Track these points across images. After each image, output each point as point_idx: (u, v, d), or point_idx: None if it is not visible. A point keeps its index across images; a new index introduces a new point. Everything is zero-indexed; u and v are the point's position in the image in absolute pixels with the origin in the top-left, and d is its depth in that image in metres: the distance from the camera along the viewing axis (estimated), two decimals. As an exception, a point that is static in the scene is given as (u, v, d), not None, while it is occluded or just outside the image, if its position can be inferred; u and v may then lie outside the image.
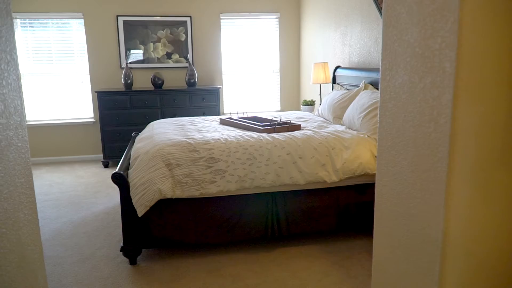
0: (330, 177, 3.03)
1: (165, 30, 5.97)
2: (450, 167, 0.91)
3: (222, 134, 3.29)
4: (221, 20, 6.13)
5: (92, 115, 6.03)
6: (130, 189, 2.83)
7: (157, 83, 5.70)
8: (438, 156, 0.93)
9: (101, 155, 5.84)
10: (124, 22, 5.84)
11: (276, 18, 6.29)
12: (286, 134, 3.24)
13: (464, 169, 0.91)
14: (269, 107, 6.56)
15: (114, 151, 5.58)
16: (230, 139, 3.09)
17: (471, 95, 0.88)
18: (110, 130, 5.53)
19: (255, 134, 3.22)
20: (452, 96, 0.88)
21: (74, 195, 4.46)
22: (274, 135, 3.21)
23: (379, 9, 3.82)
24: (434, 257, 0.97)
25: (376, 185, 1.22)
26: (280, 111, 6.56)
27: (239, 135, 3.20)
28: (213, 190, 2.88)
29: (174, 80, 6.12)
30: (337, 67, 4.63)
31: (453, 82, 0.88)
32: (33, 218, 1.02)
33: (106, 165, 5.63)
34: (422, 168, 1.00)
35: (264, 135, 3.21)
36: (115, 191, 4.50)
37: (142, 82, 6.03)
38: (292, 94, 6.55)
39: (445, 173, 0.92)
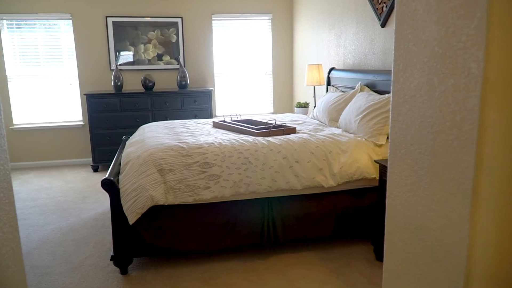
0: (328, 181, 2.95)
1: (155, 31, 5.86)
2: (476, 178, 0.83)
3: (216, 137, 3.20)
4: (213, 21, 6.03)
5: (81, 118, 5.89)
6: (121, 195, 2.72)
7: (148, 85, 5.59)
8: (462, 166, 0.85)
9: (90, 159, 5.70)
10: (114, 23, 5.72)
11: (269, 19, 6.21)
12: (282, 137, 3.16)
13: (492, 181, 0.83)
14: (262, 109, 6.48)
15: (103, 155, 5.45)
16: (224, 143, 2.99)
17: (501, 99, 0.80)
18: (100, 134, 5.40)
19: (250, 138, 3.13)
20: (479, 100, 0.80)
21: (63, 201, 4.32)
22: (270, 138, 3.12)
23: (375, 9, 3.76)
24: (457, 276, 0.89)
25: (387, 195, 1.14)
26: (273, 113, 6.47)
27: (234, 139, 3.10)
28: (207, 196, 2.78)
29: (165, 82, 6.01)
30: (332, 68, 4.56)
31: (480, 85, 0.80)
32: (14, 237, 0.91)
33: (95, 170, 5.50)
34: (442, 179, 0.91)
35: (259, 138, 3.12)
36: (104, 196, 4.37)
37: (133, 84, 5.91)
38: (285, 96, 6.47)
39: (470, 185, 0.83)
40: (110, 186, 2.70)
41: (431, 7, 0.92)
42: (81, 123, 5.85)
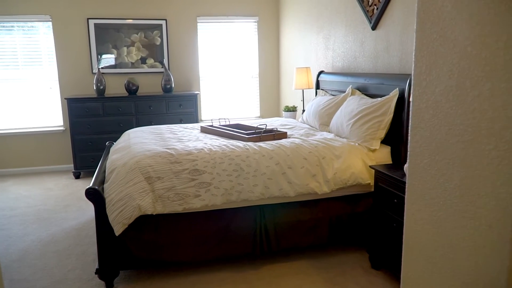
0: (321, 188, 2.87)
1: (139, 34, 5.70)
2: (519, 193, 0.74)
3: (205, 143, 3.08)
4: (198, 24, 5.91)
5: (61, 123, 5.69)
6: (106, 205, 2.57)
7: (132, 89, 5.43)
8: (502, 179, 0.76)
9: (72, 165, 5.51)
10: (95, 25, 5.55)
11: (255, 21, 6.12)
12: (273, 143, 3.06)
13: (538, 196, 0.74)
14: (249, 113, 6.37)
15: (85, 161, 5.27)
16: (214, 149, 2.88)
17: (549, 105, 0.72)
18: (81, 139, 5.22)
19: (240, 143, 3.02)
20: (524, 106, 0.72)
21: (43, 210, 4.13)
22: (261, 144, 3.02)
23: (365, 12, 3.70)
24: (495, 301, 0.80)
25: (406, 208, 1.05)
26: (259, 117, 6.38)
27: (224, 145, 2.99)
28: (197, 204, 2.66)
29: (149, 85, 5.86)
30: (321, 72, 4.49)
31: (525, 89, 0.71)
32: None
33: (77, 176, 5.30)
34: (477, 193, 0.82)
35: (250, 144, 3.01)
36: (87, 204, 4.20)
37: (115, 88, 5.74)
38: (272, 100, 6.39)
39: (512, 201, 0.75)
40: (95, 196, 2.56)
41: (461, 4, 0.83)
42: (62, 128, 5.65)
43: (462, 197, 0.86)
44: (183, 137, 3.39)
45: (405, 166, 2.50)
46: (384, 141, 3.15)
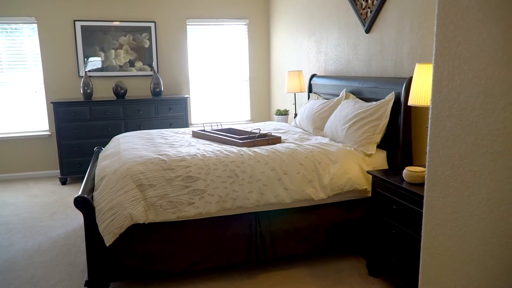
0: (318, 194, 2.81)
1: (127, 36, 5.59)
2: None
3: (198, 149, 3.00)
4: (188, 26, 5.83)
5: (47, 127, 5.54)
6: (96, 214, 2.48)
7: (120, 93, 5.31)
8: (539, 194, 0.70)
9: (58, 171, 5.36)
10: (82, 27, 5.42)
11: (245, 24, 6.06)
12: (268, 148, 2.99)
13: None
14: (239, 117, 6.30)
15: (72, 166, 5.13)
16: (208, 155, 2.80)
17: None
18: (68, 144, 5.08)
19: (234, 149, 2.95)
20: None
21: (29, 218, 4.00)
22: (256, 149, 2.95)
23: (359, 15, 3.66)
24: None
25: (424, 222, 0.99)
26: (250, 121, 6.31)
27: (218, 150, 2.92)
28: (191, 212, 2.57)
29: (138, 89, 5.75)
30: (313, 75, 4.44)
31: None
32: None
33: (63, 182, 5.16)
34: (508, 208, 0.77)
35: (245, 149, 2.94)
36: (75, 212, 4.08)
37: (103, 91, 5.62)
38: (262, 104, 6.33)
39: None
40: (84, 205, 2.46)
41: (490, 5, 0.77)
42: (48, 133, 5.50)
43: (491, 212, 0.80)
44: (175, 143, 3.30)
45: (404, 171, 2.45)
46: (379, 146, 3.10)
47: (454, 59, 0.86)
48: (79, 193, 2.54)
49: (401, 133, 2.94)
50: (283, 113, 4.99)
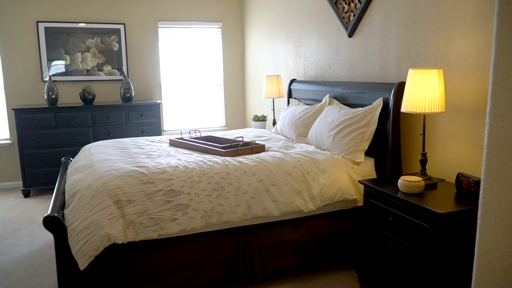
0: (307, 205, 2.67)
1: (94, 39, 5.30)
2: None
3: (179, 159, 2.80)
4: (159, 29, 5.59)
5: (8, 136, 5.16)
6: (69, 235, 2.24)
7: (87, 98, 5.01)
8: None
9: (21, 182, 4.99)
10: (46, 29, 5.09)
11: (219, 27, 5.88)
12: (253, 157, 2.83)
13: None
14: (214, 123, 6.10)
15: (36, 177, 4.79)
16: (191, 166, 2.61)
17: None
18: (31, 153, 4.74)
19: (218, 159, 2.77)
20: None
21: (-12, 236, 3.66)
22: (240, 159, 2.78)
23: (341, 18, 3.56)
24: None
25: (478, 234, 0.85)
26: (225, 126, 6.13)
27: (200, 160, 2.73)
28: (174, 229, 2.37)
29: (107, 94, 5.45)
30: (293, 80, 4.32)
31: None
32: None
33: (26, 195, 4.81)
34: None
35: (229, 159, 2.77)
36: (40, 227, 3.77)
37: (69, 97, 5.29)
38: (237, 109, 6.16)
39: None
40: (55, 225, 2.22)
41: None
42: (8, 141, 5.13)
43: None
44: (152, 152, 3.08)
45: (399, 181, 2.34)
46: (366, 153, 2.99)
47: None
48: (49, 211, 2.29)
49: (390, 140, 2.85)
50: (261, 119, 4.84)
